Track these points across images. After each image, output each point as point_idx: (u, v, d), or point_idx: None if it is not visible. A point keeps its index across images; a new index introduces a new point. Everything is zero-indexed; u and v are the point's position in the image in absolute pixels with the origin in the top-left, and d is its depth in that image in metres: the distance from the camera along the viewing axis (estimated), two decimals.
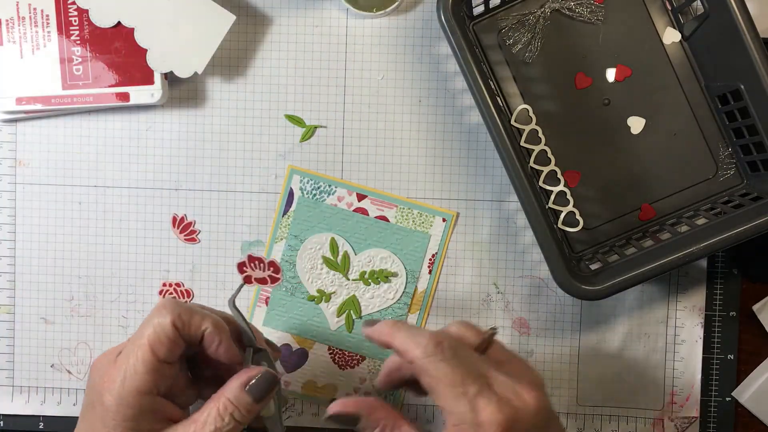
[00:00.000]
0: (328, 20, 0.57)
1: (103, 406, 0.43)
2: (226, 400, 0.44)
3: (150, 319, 0.44)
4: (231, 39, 0.57)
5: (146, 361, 0.43)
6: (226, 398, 0.44)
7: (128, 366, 0.43)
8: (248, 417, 0.44)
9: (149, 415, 0.43)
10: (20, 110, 0.56)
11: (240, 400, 0.44)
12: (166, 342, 0.43)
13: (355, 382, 0.58)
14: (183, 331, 0.44)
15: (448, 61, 0.57)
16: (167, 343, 0.43)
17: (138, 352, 0.43)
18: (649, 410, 0.58)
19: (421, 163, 0.57)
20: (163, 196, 0.58)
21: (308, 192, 0.57)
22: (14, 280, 0.59)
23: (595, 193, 0.56)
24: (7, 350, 0.59)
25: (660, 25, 0.55)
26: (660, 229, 0.55)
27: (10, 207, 0.58)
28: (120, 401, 0.42)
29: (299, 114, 0.57)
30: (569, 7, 0.55)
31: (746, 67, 0.49)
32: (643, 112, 0.55)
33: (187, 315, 0.44)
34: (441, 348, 0.42)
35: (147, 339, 0.43)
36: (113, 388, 0.43)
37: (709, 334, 0.58)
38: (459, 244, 0.57)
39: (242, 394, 0.44)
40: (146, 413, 0.43)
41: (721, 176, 0.56)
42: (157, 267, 0.58)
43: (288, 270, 0.58)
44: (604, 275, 0.51)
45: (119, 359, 0.44)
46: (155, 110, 0.57)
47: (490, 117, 0.50)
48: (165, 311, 0.44)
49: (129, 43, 0.54)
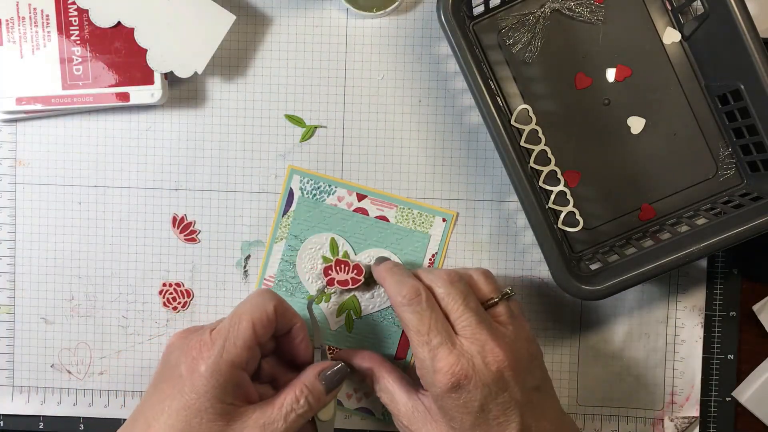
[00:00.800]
0: (328, 20, 0.57)
1: (196, 374, 0.45)
2: (303, 385, 0.48)
3: (253, 301, 0.48)
4: (231, 39, 0.57)
5: (246, 337, 0.46)
6: (303, 384, 0.48)
7: (228, 339, 0.46)
8: (319, 405, 0.48)
9: (235, 389, 0.46)
10: (20, 110, 0.56)
11: (314, 387, 0.48)
12: (267, 323, 0.47)
13: (355, 382, 0.58)
14: (279, 319, 0.48)
15: (448, 61, 0.57)
16: (268, 324, 0.47)
17: (241, 326, 0.46)
18: (649, 410, 0.58)
19: (421, 163, 0.57)
20: (163, 196, 0.58)
21: (308, 192, 0.57)
22: (14, 280, 0.59)
23: (595, 193, 0.56)
24: (7, 350, 0.59)
25: (660, 25, 0.55)
26: (660, 229, 0.55)
27: (10, 207, 0.58)
28: (215, 370, 0.45)
29: (299, 114, 0.57)
30: (569, 7, 0.55)
31: (746, 67, 0.49)
32: (643, 112, 0.55)
33: (285, 305, 0.49)
34: (418, 299, 0.47)
35: (250, 317, 0.47)
36: (210, 357, 0.45)
37: (709, 334, 0.58)
38: (459, 244, 0.57)
39: (317, 381, 0.49)
40: (233, 387, 0.46)
41: (721, 176, 0.56)
42: (157, 267, 0.58)
43: (288, 270, 0.58)
44: (604, 275, 0.51)
45: (215, 334, 0.47)
46: (155, 110, 0.57)
47: (490, 117, 0.50)
48: (268, 296, 0.48)
49: (129, 43, 0.54)
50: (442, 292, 0.48)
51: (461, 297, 0.47)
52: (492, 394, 0.45)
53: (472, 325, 0.46)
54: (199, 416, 0.45)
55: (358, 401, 0.58)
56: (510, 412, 0.46)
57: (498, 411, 0.46)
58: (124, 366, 0.59)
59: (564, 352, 0.58)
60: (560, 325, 0.58)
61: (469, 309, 0.47)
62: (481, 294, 0.49)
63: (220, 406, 0.45)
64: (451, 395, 0.46)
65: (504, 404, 0.46)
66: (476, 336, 0.46)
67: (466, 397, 0.45)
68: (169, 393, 0.46)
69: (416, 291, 0.47)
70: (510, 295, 0.50)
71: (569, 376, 0.58)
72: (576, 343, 0.58)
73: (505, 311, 0.49)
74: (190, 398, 0.45)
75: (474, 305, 0.47)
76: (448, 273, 0.49)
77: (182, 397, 0.45)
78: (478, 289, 0.50)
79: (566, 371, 0.58)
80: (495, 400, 0.45)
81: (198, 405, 0.45)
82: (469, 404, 0.46)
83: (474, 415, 0.46)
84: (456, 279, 0.48)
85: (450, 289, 0.48)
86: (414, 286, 0.48)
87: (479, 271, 0.51)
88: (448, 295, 0.48)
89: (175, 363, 0.47)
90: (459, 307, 0.47)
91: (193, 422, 0.45)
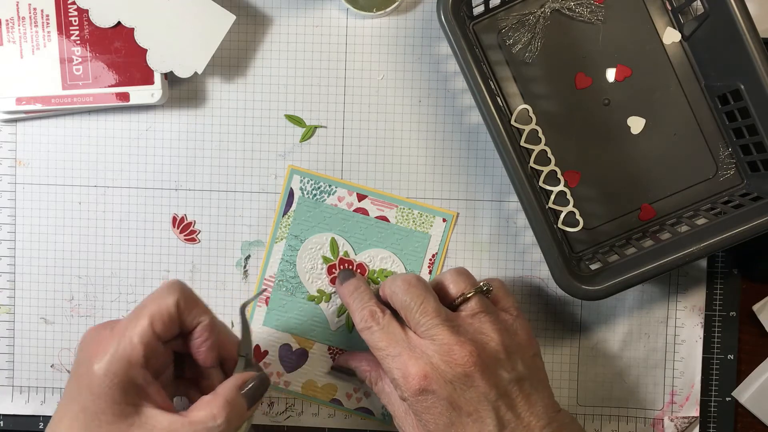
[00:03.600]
0: (328, 20, 0.57)
1: (91, 374, 0.42)
2: (222, 400, 0.44)
3: (154, 295, 0.45)
4: (231, 39, 0.57)
5: (143, 334, 0.43)
6: (222, 398, 0.44)
7: (124, 336, 0.43)
8: (239, 422, 0.45)
9: (137, 390, 0.43)
10: (20, 110, 0.56)
11: (235, 402, 0.44)
12: (167, 318, 0.44)
13: (355, 383, 0.58)
14: (182, 314, 0.45)
15: (448, 61, 0.57)
16: (168, 319, 0.44)
17: (137, 322, 0.43)
18: (649, 410, 0.58)
19: (421, 163, 0.57)
20: (163, 196, 0.58)
21: (308, 192, 0.57)
22: (14, 280, 0.59)
23: (595, 193, 0.56)
24: (7, 350, 0.59)
25: (660, 25, 0.55)
26: (660, 229, 0.55)
27: (10, 207, 0.58)
28: (109, 369, 0.42)
29: (299, 114, 0.57)
30: (569, 7, 0.55)
31: (746, 67, 0.49)
32: (643, 112, 0.55)
33: (191, 301, 0.45)
34: (375, 320, 0.48)
35: (148, 311, 0.44)
36: (105, 354, 0.42)
37: (709, 334, 0.58)
38: (459, 244, 0.57)
39: (238, 396, 0.45)
40: (133, 387, 0.42)
41: (721, 176, 0.56)
42: (157, 267, 0.58)
43: (288, 270, 0.58)
44: (604, 275, 0.51)
45: (116, 329, 0.44)
46: (155, 110, 0.57)
47: (490, 117, 0.50)
48: (172, 289, 0.45)
49: (129, 43, 0.54)
50: (399, 301, 0.48)
51: (418, 301, 0.47)
52: (458, 391, 0.45)
53: (430, 327, 0.47)
54: (97, 419, 0.41)
55: (358, 401, 0.58)
56: (482, 407, 0.45)
57: (470, 407, 0.45)
58: None
59: (564, 352, 0.58)
60: (560, 325, 0.58)
61: (426, 312, 0.47)
62: (451, 293, 0.49)
63: (118, 407, 0.42)
64: (419, 398, 0.46)
65: (474, 400, 0.45)
66: (435, 336, 0.46)
67: (433, 398, 0.46)
68: (69, 394, 0.43)
69: (372, 314, 0.49)
70: (484, 290, 0.49)
71: (569, 376, 0.58)
72: (576, 343, 0.58)
73: (477, 306, 0.48)
74: (87, 400, 0.42)
75: (432, 306, 0.47)
76: (405, 280, 0.49)
77: (80, 398, 0.42)
78: (447, 289, 0.49)
79: (566, 371, 0.58)
80: (463, 395, 0.45)
81: (95, 407, 0.41)
82: (438, 404, 0.46)
83: (446, 416, 0.46)
84: (413, 284, 0.48)
85: (405, 296, 0.48)
86: (370, 310, 0.49)
87: (451, 271, 0.50)
88: (404, 303, 0.48)
89: (79, 360, 0.44)
90: (415, 312, 0.47)
91: (91, 426, 0.41)
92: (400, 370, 0.46)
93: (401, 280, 0.49)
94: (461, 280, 0.50)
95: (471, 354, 0.45)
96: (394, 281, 0.49)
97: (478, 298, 0.49)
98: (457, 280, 0.50)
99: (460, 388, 0.45)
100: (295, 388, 0.58)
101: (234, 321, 0.58)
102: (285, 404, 0.59)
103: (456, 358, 0.45)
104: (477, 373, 0.45)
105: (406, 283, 0.48)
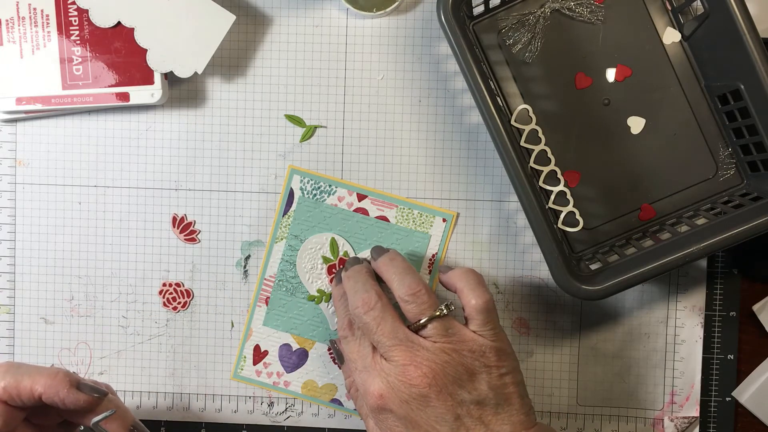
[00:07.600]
0: (328, 20, 0.57)
1: None
2: None
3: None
4: (231, 39, 0.57)
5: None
6: None
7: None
8: None
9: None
10: (20, 110, 0.56)
11: None
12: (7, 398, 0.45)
13: None
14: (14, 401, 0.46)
15: (448, 61, 0.57)
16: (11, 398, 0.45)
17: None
18: (649, 410, 0.58)
19: (421, 163, 0.57)
20: (163, 196, 0.58)
21: (308, 192, 0.57)
22: (14, 280, 0.59)
23: (595, 193, 0.56)
24: (7, 350, 0.59)
25: (660, 25, 0.55)
26: (660, 229, 0.55)
27: (10, 207, 0.58)
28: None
29: (299, 114, 0.57)
30: (569, 7, 0.55)
31: (746, 67, 0.49)
32: (643, 112, 0.55)
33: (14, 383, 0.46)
34: (351, 330, 0.51)
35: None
36: None
37: (709, 334, 0.58)
38: (459, 244, 0.57)
39: None
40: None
41: (721, 176, 0.56)
42: (157, 267, 0.58)
43: (288, 270, 0.58)
44: (604, 275, 0.51)
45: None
46: (155, 110, 0.57)
47: (490, 117, 0.50)
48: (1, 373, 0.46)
49: (129, 43, 0.54)
50: (359, 322, 0.50)
51: (374, 324, 0.48)
52: (414, 410, 0.46)
53: (388, 348, 0.48)
54: None
55: None
56: (441, 426, 0.46)
57: (428, 426, 0.46)
58: (124, 366, 0.59)
59: (564, 352, 0.58)
60: (560, 325, 0.58)
61: (384, 332, 0.48)
62: (410, 315, 0.49)
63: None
64: (379, 416, 0.48)
65: (432, 419, 0.46)
66: (392, 357, 0.47)
67: (391, 416, 0.47)
68: None
69: (350, 324, 0.51)
70: (442, 313, 0.48)
71: (569, 376, 0.58)
72: (576, 343, 0.58)
73: (435, 330, 0.48)
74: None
75: (389, 327, 0.48)
76: (365, 302, 0.49)
77: None
78: (407, 312, 0.49)
79: (566, 371, 0.58)
80: (420, 414, 0.46)
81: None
82: (398, 422, 0.47)
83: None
84: (372, 306, 0.49)
85: (364, 318, 0.49)
86: (350, 320, 0.51)
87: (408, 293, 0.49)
88: (365, 324, 0.49)
89: None
90: (374, 333, 0.48)
91: None
92: (363, 386, 0.49)
93: (361, 301, 0.49)
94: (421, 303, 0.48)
95: (425, 375, 0.46)
96: (351, 301, 0.50)
97: (436, 323, 0.48)
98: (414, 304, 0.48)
99: (417, 407, 0.46)
100: (295, 388, 0.58)
101: (234, 321, 0.58)
102: (285, 404, 0.59)
103: (410, 379, 0.46)
104: (432, 393, 0.46)
105: (366, 305, 0.49)
